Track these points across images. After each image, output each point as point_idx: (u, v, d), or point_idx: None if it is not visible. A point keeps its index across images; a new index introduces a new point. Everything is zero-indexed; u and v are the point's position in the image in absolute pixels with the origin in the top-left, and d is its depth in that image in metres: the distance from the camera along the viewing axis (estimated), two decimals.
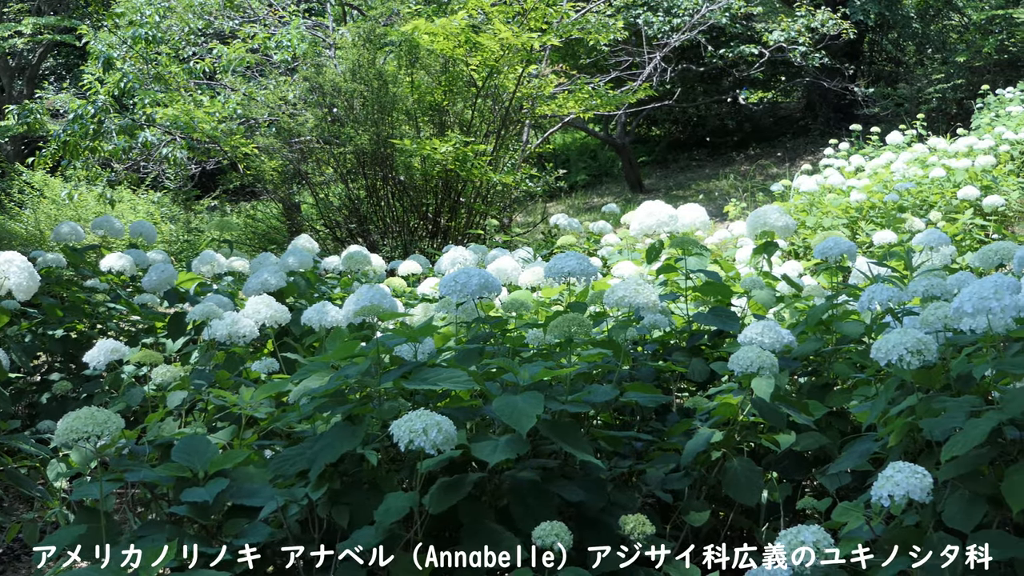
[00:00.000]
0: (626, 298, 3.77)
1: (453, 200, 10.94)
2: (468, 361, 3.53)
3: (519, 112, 11.56)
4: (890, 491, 2.48)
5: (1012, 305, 2.66)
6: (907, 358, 2.78)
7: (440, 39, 10.20)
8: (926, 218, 9.33)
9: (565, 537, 2.75)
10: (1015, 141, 12.25)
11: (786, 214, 4.81)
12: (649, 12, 17.03)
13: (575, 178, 20.35)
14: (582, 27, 12.34)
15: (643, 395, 3.69)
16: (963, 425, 2.66)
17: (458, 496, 2.98)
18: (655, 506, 3.62)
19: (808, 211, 10.20)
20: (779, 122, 21.76)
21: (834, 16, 17.25)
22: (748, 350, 3.39)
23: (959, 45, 19.26)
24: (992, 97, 14.94)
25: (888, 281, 3.81)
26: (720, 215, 13.77)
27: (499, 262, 5.40)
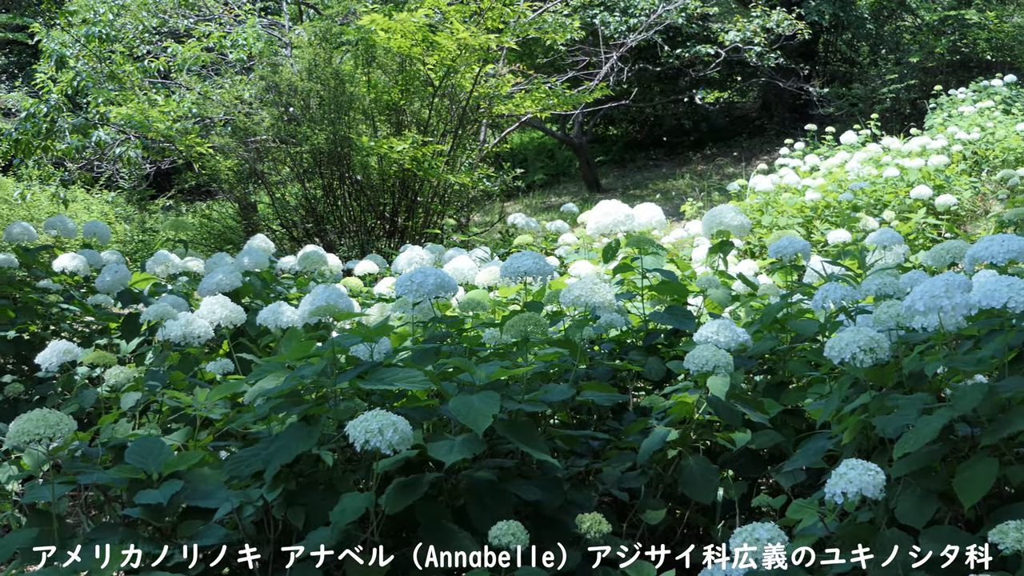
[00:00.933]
0: (582, 297, 3.78)
1: (410, 200, 10.92)
2: (424, 361, 3.52)
3: (476, 112, 11.55)
4: (843, 488, 2.50)
5: (963, 303, 2.68)
6: (860, 356, 2.80)
7: (397, 37, 10.17)
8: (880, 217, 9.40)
9: (522, 536, 2.75)
10: (967, 141, 12.39)
11: (741, 213, 4.83)
12: (606, 12, 17.06)
13: (533, 177, 20.36)
14: (539, 27, 12.37)
15: (599, 394, 3.70)
16: (915, 422, 2.69)
17: (414, 496, 2.98)
18: (612, 505, 3.62)
19: (764, 210, 10.27)
20: (735, 122, 21.88)
21: (789, 17, 17.36)
22: (703, 349, 3.40)
23: (912, 46, 19.44)
24: (945, 97, 15.09)
25: (842, 280, 3.83)
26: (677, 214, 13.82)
27: (456, 262, 5.39)
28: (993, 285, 2.63)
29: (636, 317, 4.71)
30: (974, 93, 14.79)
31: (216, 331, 4.44)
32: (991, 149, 12.63)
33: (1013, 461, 2.66)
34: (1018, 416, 2.54)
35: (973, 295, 2.67)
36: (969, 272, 3.45)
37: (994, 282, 2.64)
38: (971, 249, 3.14)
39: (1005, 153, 12.42)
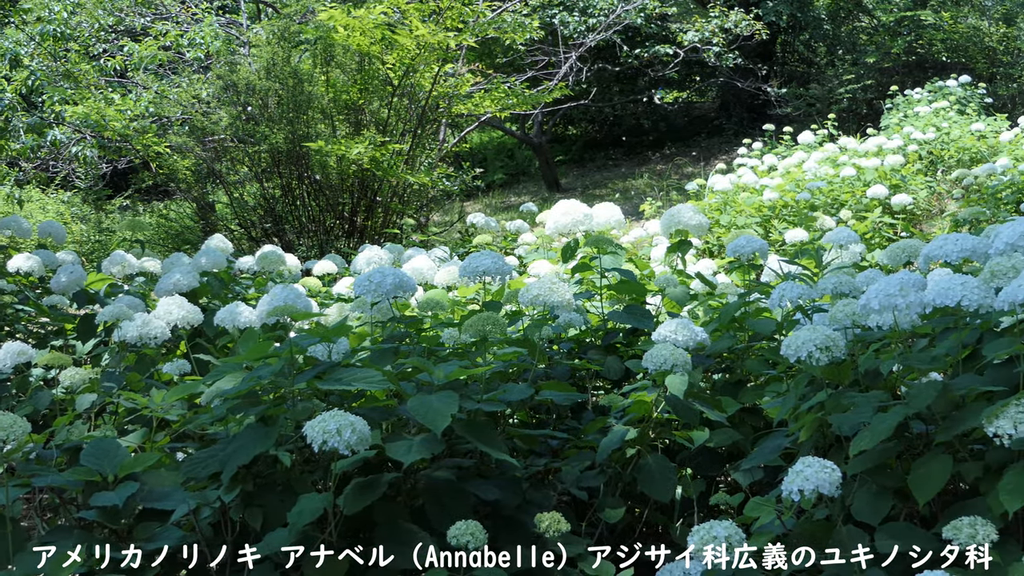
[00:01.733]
0: (541, 296, 3.78)
1: (369, 199, 10.89)
2: (383, 361, 3.51)
3: (435, 111, 11.53)
4: (800, 486, 2.52)
5: (917, 302, 2.71)
6: (816, 354, 2.82)
7: (356, 35, 10.14)
8: (837, 216, 9.48)
9: (480, 536, 2.75)
10: (923, 141, 12.51)
11: (700, 213, 4.85)
12: (565, 12, 17.08)
13: (492, 177, 20.36)
14: (498, 26, 12.36)
15: (558, 393, 3.70)
16: (871, 420, 2.71)
17: (373, 496, 2.97)
18: (571, 504, 3.63)
19: (722, 210, 10.32)
20: (694, 122, 21.97)
21: (747, 17, 17.45)
22: (662, 348, 3.42)
23: (869, 46, 19.59)
24: (901, 98, 15.22)
25: (798, 279, 3.86)
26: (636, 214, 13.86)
27: (415, 261, 5.39)
28: (947, 284, 2.65)
29: (595, 316, 4.72)
30: (929, 93, 14.92)
31: (173, 332, 4.41)
32: (946, 149, 12.76)
33: (967, 458, 2.68)
34: (971, 413, 2.56)
35: (927, 294, 2.70)
36: (924, 271, 3.48)
37: (948, 281, 2.67)
38: (925, 248, 3.17)
39: (960, 153, 12.56)
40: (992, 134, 13.21)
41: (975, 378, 2.72)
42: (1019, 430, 2.32)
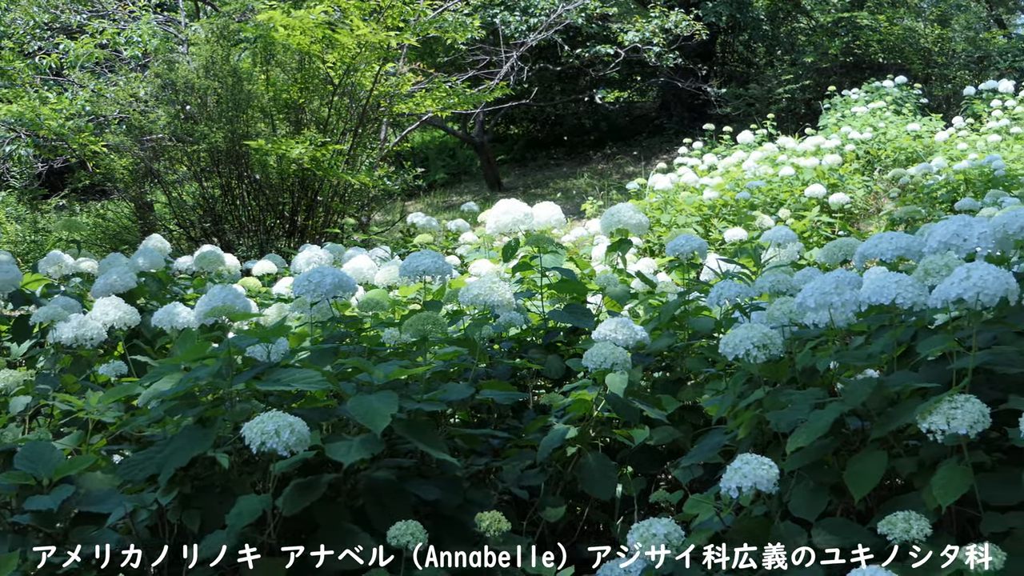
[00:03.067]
0: (481, 296, 3.78)
1: (310, 199, 10.84)
2: (322, 361, 3.50)
3: (377, 110, 11.49)
4: (738, 483, 2.54)
5: (852, 300, 2.73)
6: (753, 352, 2.84)
7: (296, 34, 10.08)
8: (776, 215, 9.56)
9: (420, 536, 2.74)
10: (860, 141, 12.65)
11: (640, 212, 4.87)
12: (506, 12, 17.09)
13: (434, 176, 20.33)
14: (439, 25, 12.35)
15: (499, 392, 3.70)
16: (807, 417, 2.73)
17: (312, 497, 2.95)
18: (512, 503, 3.63)
19: (663, 209, 10.37)
20: (635, 121, 22.07)
21: (687, 17, 17.56)
22: (602, 346, 3.43)
23: (807, 47, 19.78)
24: (838, 98, 15.39)
25: (736, 277, 3.89)
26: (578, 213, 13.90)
27: (355, 261, 5.37)
28: (882, 282, 2.68)
29: (536, 315, 4.73)
30: (866, 94, 15.10)
31: (110, 333, 4.36)
32: (883, 148, 12.91)
33: (902, 453, 2.71)
34: (906, 410, 2.59)
35: (863, 292, 2.73)
36: (859, 269, 3.52)
37: (883, 279, 2.70)
38: (861, 246, 3.20)
39: (896, 152, 12.71)
40: (927, 134, 13.39)
41: (909, 375, 2.75)
42: (952, 426, 2.35)
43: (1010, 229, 2.89)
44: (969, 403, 2.38)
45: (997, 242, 2.92)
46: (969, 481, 2.40)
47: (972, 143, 12.11)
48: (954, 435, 2.38)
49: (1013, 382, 2.69)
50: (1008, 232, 2.89)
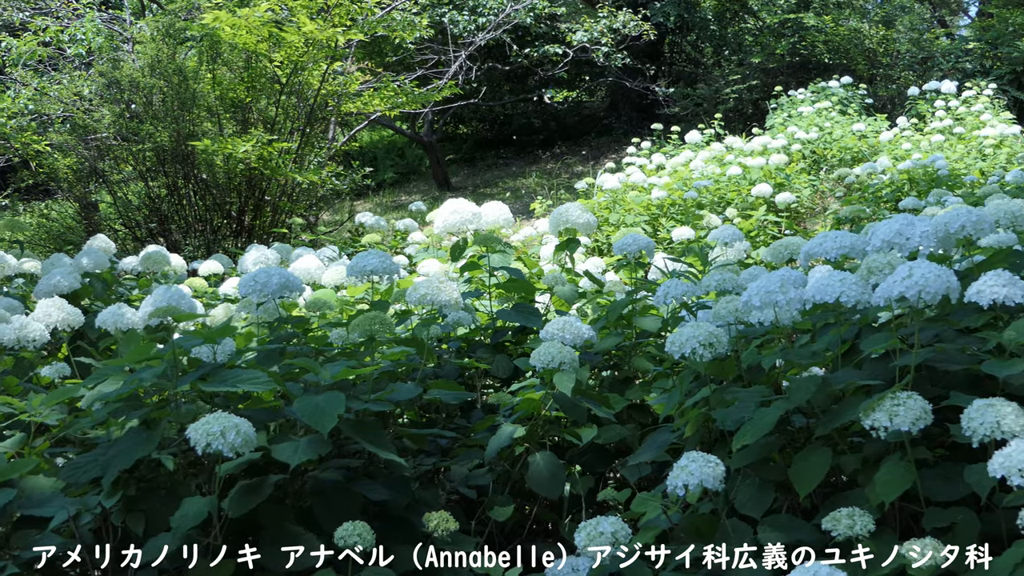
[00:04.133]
0: (428, 296, 3.77)
1: (258, 198, 10.77)
2: (269, 362, 3.48)
3: (324, 109, 11.44)
4: (685, 480, 2.55)
5: (797, 298, 2.76)
6: (699, 351, 2.86)
7: (242, 33, 10.01)
8: (723, 214, 9.62)
9: (367, 536, 2.73)
10: (806, 141, 12.76)
11: (587, 211, 4.88)
12: (454, 11, 17.07)
13: (383, 176, 20.26)
14: (387, 24, 12.31)
15: (447, 392, 3.70)
16: (753, 415, 2.75)
17: (259, 498, 2.93)
18: (460, 503, 3.62)
19: (611, 208, 10.40)
20: (584, 121, 22.11)
21: (635, 18, 17.62)
22: (549, 346, 3.43)
23: (754, 47, 19.91)
24: (785, 98, 15.51)
25: (683, 276, 3.90)
26: (527, 212, 13.92)
27: (302, 261, 5.34)
28: (826, 280, 2.71)
29: (484, 315, 4.72)
30: (812, 94, 15.23)
31: (53, 334, 4.31)
32: (829, 148, 13.03)
33: (846, 450, 2.74)
34: (850, 407, 2.61)
35: (807, 290, 2.75)
36: (804, 268, 3.55)
37: (827, 277, 2.72)
38: (806, 245, 3.23)
39: (842, 152, 12.83)
40: (872, 134, 13.53)
41: (853, 372, 2.78)
42: (894, 423, 2.38)
43: (951, 228, 2.93)
44: (911, 400, 2.41)
45: (939, 241, 2.96)
46: (912, 477, 2.43)
47: (916, 143, 12.26)
48: (897, 432, 2.41)
49: (955, 379, 2.73)
50: (949, 231, 2.93)
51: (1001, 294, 2.56)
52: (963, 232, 2.92)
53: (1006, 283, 2.58)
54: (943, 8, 24.21)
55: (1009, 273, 2.62)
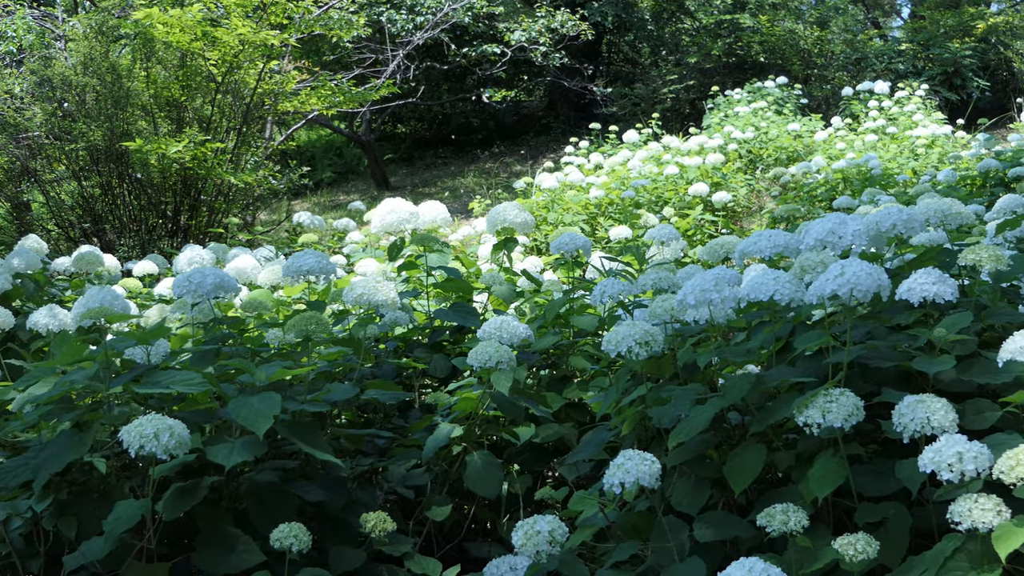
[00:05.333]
0: (365, 295, 3.76)
1: (193, 198, 10.67)
2: (204, 363, 3.44)
3: (261, 108, 11.36)
4: (621, 478, 2.56)
5: (731, 296, 2.78)
6: (635, 349, 2.87)
7: (176, 31, 9.91)
8: (660, 214, 9.68)
9: (303, 538, 2.72)
10: (743, 140, 12.88)
11: (525, 211, 4.89)
12: (392, 10, 17.02)
13: (321, 175, 20.15)
14: (324, 23, 12.24)
15: (384, 392, 3.69)
16: (688, 412, 2.77)
17: (193, 501, 2.90)
18: (398, 503, 3.62)
19: (549, 207, 10.43)
20: (522, 120, 22.13)
21: (573, 17, 17.68)
22: (487, 345, 3.43)
23: (691, 47, 20.06)
24: (722, 98, 15.65)
25: (620, 275, 3.92)
26: (465, 212, 13.92)
27: (238, 261, 5.29)
28: (760, 279, 2.73)
29: (422, 314, 4.72)
30: (749, 94, 15.38)
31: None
32: (765, 148, 13.16)
33: (780, 447, 2.76)
34: (784, 404, 2.64)
35: (742, 289, 2.77)
36: (739, 266, 3.58)
37: (761, 276, 2.74)
38: (740, 244, 3.25)
39: (778, 152, 12.97)
40: (807, 133, 13.70)
41: (787, 369, 2.80)
42: (827, 419, 2.40)
43: (883, 226, 2.96)
44: (844, 397, 2.44)
45: (871, 239, 2.99)
46: (844, 473, 2.46)
47: (850, 143, 12.42)
48: (830, 428, 2.43)
49: (886, 376, 2.76)
50: (881, 229, 2.96)
51: (931, 292, 2.59)
52: (894, 231, 2.96)
53: (936, 281, 2.61)
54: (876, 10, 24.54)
55: (939, 271, 2.66)
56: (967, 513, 2.10)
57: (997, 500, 2.11)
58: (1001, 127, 15.88)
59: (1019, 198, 4.13)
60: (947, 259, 3.06)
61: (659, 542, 2.64)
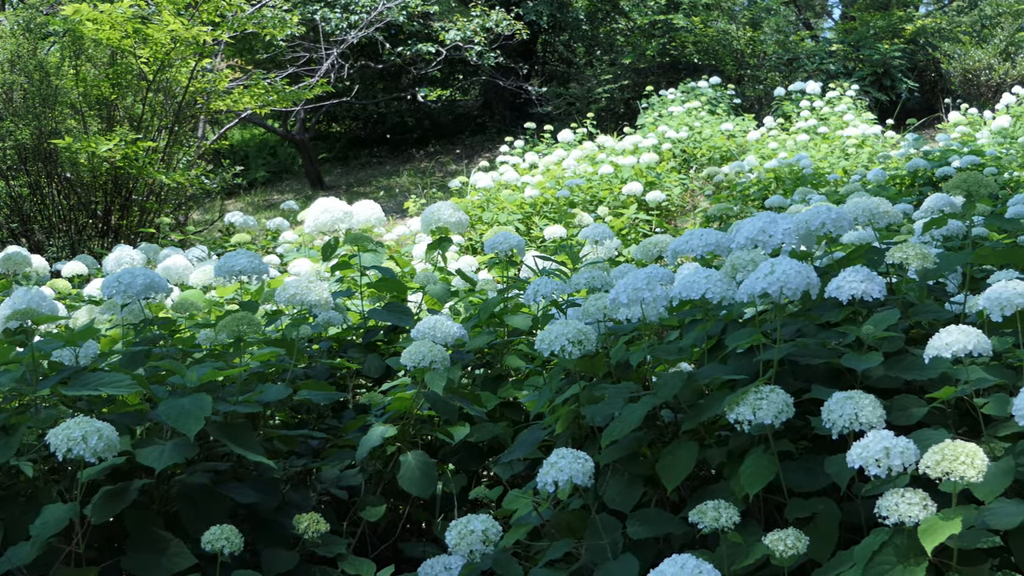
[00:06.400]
0: (298, 295, 3.73)
1: (124, 198, 10.54)
2: (134, 364, 3.40)
3: (194, 107, 11.24)
4: (554, 477, 2.56)
5: (663, 295, 2.80)
6: (568, 348, 2.87)
7: (106, 28, 9.78)
8: (595, 213, 9.72)
9: (235, 540, 2.70)
10: (677, 140, 12.97)
11: (459, 210, 4.88)
12: (327, 8, 16.93)
13: (255, 175, 19.99)
14: (257, 21, 12.15)
15: (317, 393, 3.67)
16: (622, 410, 2.78)
17: (123, 504, 2.87)
18: (332, 504, 3.60)
19: (485, 207, 10.43)
20: (458, 120, 22.11)
21: (508, 17, 17.70)
22: (420, 345, 3.42)
23: (625, 47, 20.16)
24: (656, 98, 15.74)
25: (553, 274, 3.93)
26: (401, 211, 13.88)
27: (170, 261, 5.23)
28: (692, 277, 2.75)
29: (356, 315, 4.70)
30: (683, 94, 15.49)
31: None
32: (698, 147, 13.26)
33: (712, 444, 2.79)
34: (715, 401, 2.66)
35: (674, 288, 2.79)
36: (672, 265, 3.61)
37: (693, 275, 2.76)
38: (673, 243, 3.27)
39: (711, 151, 13.07)
40: (740, 133, 13.82)
41: (719, 367, 2.83)
42: (758, 416, 2.42)
43: (812, 225, 2.99)
44: (774, 394, 2.46)
45: (801, 238, 3.02)
46: (774, 469, 2.48)
47: (782, 142, 12.55)
48: (760, 425, 2.46)
49: (816, 373, 2.80)
50: (811, 228, 3.00)
51: (860, 289, 2.63)
52: (824, 229, 2.99)
53: (864, 279, 2.65)
54: (808, 11, 24.82)
55: (867, 269, 2.70)
56: (894, 507, 2.13)
57: (923, 494, 2.14)
58: (929, 127, 16.13)
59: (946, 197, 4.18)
60: (875, 257, 3.10)
61: (593, 540, 2.65)
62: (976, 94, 17.94)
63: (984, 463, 2.08)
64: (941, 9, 22.47)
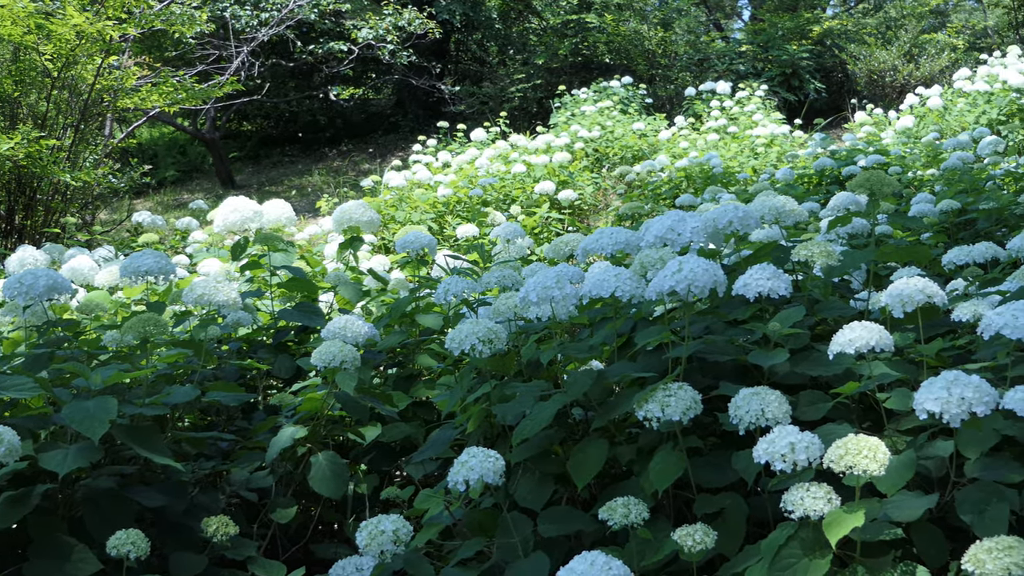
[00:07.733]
0: (206, 296, 3.69)
1: (29, 197, 10.32)
2: (37, 367, 3.33)
3: (100, 105, 11.05)
4: (465, 476, 2.56)
5: (572, 294, 2.81)
6: (479, 347, 2.87)
7: (7, 23, 9.56)
8: (508, 212, 9.73)
9: (141, 544, 2.66)
10: (589, 139, 13.03)
11: (371, 209, 4.86)
12: (236, 5, 16.75)
13: (164, 174, 19.71)
14: (166, 18, 11.96)
15: (226, 394, 3.63)
16: (532, 409, 2.78)
17: (25, 510, 2.81)
18: (242, 506, 3.56)
19: (397, 206, 10.40)
20: (370, 119, 22.02)
21: (421, 15, 17.66)
22: (331, 345, 3.40)
23: (538, 47, 20.23)
24: (568, 97, 15.80)
25: (464, 273, 3.92)
26: (313, 211, 13.79)
27: (75, 262, 5.14)
28: (601, 276, 2.76)
29: (266, 315, 4.65)
30: (595, 93, 15.57)
31: None
32: (611, 147, 13.34)
33: (623, 442, 2.80)
34: (625, 399, 2.68)
35: (584, 286, 2.80)
36: (583, 264, 3.62)
37: (602, 273, 2.78)
38: (583, 242, 3.29)
39: (623, 150, 13.16)
40: (652, 133, 13.94)
41: (628, 365, 2.84)
42: (666, 413, 2.44)
43: (720, 223, 3.03)
44: (682, 391, 2.48)
45: (709, 236, 3.06)
46: (683, 465, 2.50)
47: (693, 142, 12.68)
48: (669, 422, 2.48)
49: (724, 369, 2.83)
50: (719, 226, 3.03)
51: (766, 287, 2.67)
52: (731, 227, 3.03)
53: (771, 276, 2.69)
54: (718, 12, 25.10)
55: (774, 267, 2.74)
56: (799, 502, 2.16)
57: (828, 488, 2.17)
58: (836, 127, 16.41)
59: (851, 196, 4.26)
60: (782, 255, 3.14)
61: (504, 538, 2.66)
62: (881, 94, 18.31)
63: (886, 457, 2.12)
64: (847, 11, 22.88)
